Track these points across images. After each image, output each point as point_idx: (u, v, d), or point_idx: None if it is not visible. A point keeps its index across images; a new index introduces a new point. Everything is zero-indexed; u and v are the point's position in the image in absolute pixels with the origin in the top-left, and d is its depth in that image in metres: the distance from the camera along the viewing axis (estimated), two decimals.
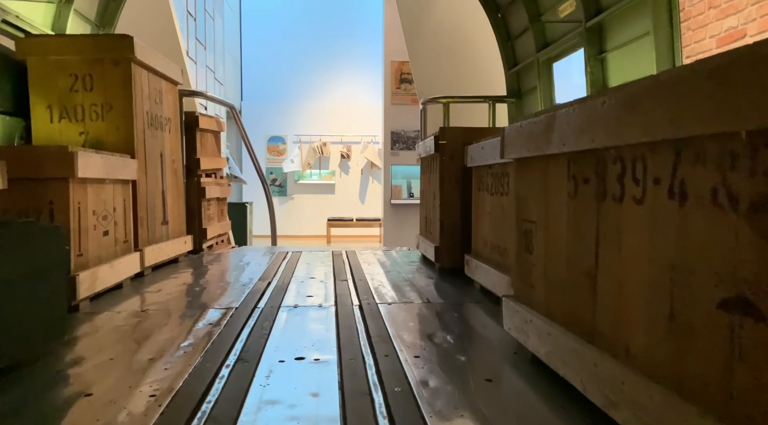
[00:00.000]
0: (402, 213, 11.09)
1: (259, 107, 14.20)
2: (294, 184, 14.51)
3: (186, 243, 3.86)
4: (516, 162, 1.72)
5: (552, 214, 1.48)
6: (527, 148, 1.59)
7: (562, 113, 1.36)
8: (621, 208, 1.14)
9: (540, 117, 1.50)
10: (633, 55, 2.84)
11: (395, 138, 11.33)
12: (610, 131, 1.13)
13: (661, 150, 0.99)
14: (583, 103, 1.26)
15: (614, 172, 1.17)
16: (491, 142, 2.47)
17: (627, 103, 1.06)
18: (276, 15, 13.94)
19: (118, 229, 2.75)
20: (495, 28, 4.49)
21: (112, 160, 2.61)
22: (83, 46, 3.03)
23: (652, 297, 1.02)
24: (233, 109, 4.80)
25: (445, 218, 3.31)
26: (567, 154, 1.37)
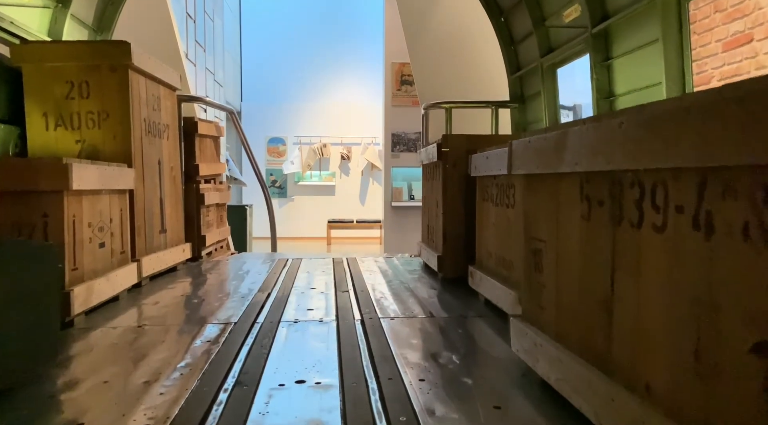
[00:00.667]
0: (403, 216, 11.04)
1: (259, 108, 14.15)
2: (294, 185, 14.47)
3: (184, 252, 3.81)
4: (524, 177, 1.66)
5: (563, 235, 1.42)
6: (536, 165, 1.53)
7: (575, 131, 1.30)
8: (639, 235, 1.08)
9: (550, 133, 1.44)
10: (640, 62, 2.78)
11: (396, 140, 11.28)
12: (628, 154, 1.07)
13: (685, 177, 0.94)
14: (598, 123, 1.20)
15: (632, 196, 1.11)
16: (496, 153, 2.41)
17: (647, 126, 1.01)
18: (276, 16, 13.89)
19: (114, 240, 2.70)
20: (498, 32, 4.44)
21: (108, 171, 2.56)
22: (79, 52, 2.97)
23: (675, 333, 0.97)
24: (233, 114, 4.74)
25: (448, 227, 3.26)
26: (580, 174, 1.31)
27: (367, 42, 13.63)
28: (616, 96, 3.04)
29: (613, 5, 2.98)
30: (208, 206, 4.43)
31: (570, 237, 1.38)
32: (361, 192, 14.73)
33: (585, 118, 1.33)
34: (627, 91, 2.92)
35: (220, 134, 4.85)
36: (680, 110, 0.91)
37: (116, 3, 3.99)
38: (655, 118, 0.98)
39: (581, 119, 1.35)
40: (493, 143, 3.34)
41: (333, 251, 12.66)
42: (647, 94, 2.71)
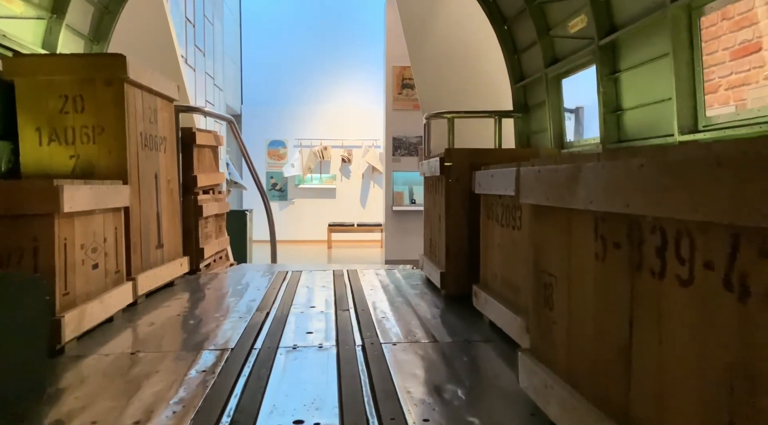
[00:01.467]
0: (403, 221, 10.97)
1: (259, 111, 14.10)
2: (294, 188, 14.41)
3: (182, 266, 3.73)
4: (533, 207, 1.59)
5: (576, 273, 1.35)
6: (546, 197, 1.45)
7: (590, 168, 1.22)
8: (661, 286, 1.01)
9: (561, 166, 1.37)
10: (649, 77, 2.70)
11: (397, 144, 11.22)
12: (649, 199, 0.99)
13: (715, 233, 0.86)
14: (615, 162, 1.13)
15: (652, 242, 1.03)
16: (502, 172, 2.34)
17: (671, 173, 0.93)
18: (276, 18, 13.83)
19: (108, 260, 2.62)
20: (501, 41, 4.36)
21: (102, 190, 2.49)
22: (74, 65, 2.90)
23: (703, 399, 0.89)
24: (232, 123, 4.67)
25: (451, 243, 3.18)
26: (594, 212, 1.24)
27: (367, 44, 13.57)
28: (623, 110, 2.97)
29: (621, 17, 2.91)
30: (207, 217, 4.36)
31: (583, 276, 1.31)
32: (362, 195, 14.67)
33: (599, 152, 1.26)
34: (635, 105, 2.85)
35: (218, 143, 4.78)
36: (710, 161, 0.84)
37: (113, 12, 3.92)
38: (681, 165, 0.91)
39: (595, 154, 1.28)
40: (497, 157, 3.27)
41: (334, 254, 12.60)
42: (657, 109, 2.64)
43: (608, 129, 3.03)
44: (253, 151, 14.54)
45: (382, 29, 10.80)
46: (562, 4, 3.44)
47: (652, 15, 2.52)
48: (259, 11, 13.70)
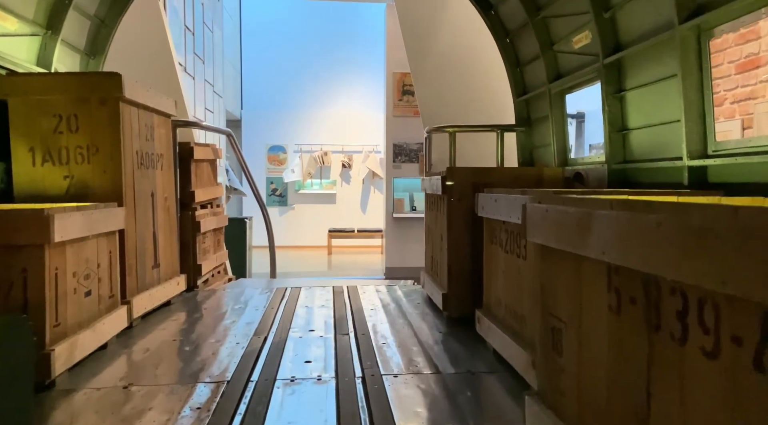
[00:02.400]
0: (404, 227, 10.90)
1: (259, 116, 14.06)
2: (295, 193, 14.36)
3: (179, 284, 3.67)
4: (540, 246, 1.52)
5: (587, 322, 1.28)
6: (555, 239, 1.39)
7: (603, 216, 1.16)
8: (683, 353, 0.94)
9: (571, 209, 1.30)
10: (657, 97, 2.64)
11: (397, 150, 11.16)
12: (669, 261, 0.93)
13: (743, 307, 0.80)
14: (630, 213, 1.06)
15: (673, 305, 0.97)
16: (506, 198, 2.28)
17: (693, 236, 0.87)
18: (276, 23, 13.79)
19: (102, 286, 2.56)
20: (503, 54, 4.30)
21: (95, 215, 2.42)
22: (68, 84, 2.84)
23: None
24: (231, 136, 4.61)
25: (453, 264, 3.12)
26: (608, 263, 1.17)
27: (368, 49, 13.53)
28: (629, 129, 2.90)
29: (627, 35, 2.84)
30: (205, 233, 4.30)
31: (595, 327, 1.24)
32: (362, 200, 14.62)
33: (613, 199, 1.19)
34: (642, 125, 2.78)
35: (217, 156, 4.72)
36: (737, 230, 0.77)
37: (109, 26, 3.86)
38: (704, 230, 0.84)
39: (609, 200, 1.21)
40: (499, 177, 3.21)
41: (334, 261, 12.53)
42: (664, 131, 2.57)
43: (613, 148, 2.96)
44: (253, 156, 14.56)
45: (382, 34, 10.75)
46: (566, 20, 3.38)
47: (660, 35, 2.46)
48: (259, 16, 13.68)
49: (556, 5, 3.43)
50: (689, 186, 2.33)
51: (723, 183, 2.21)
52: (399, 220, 10.80)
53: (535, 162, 4.24)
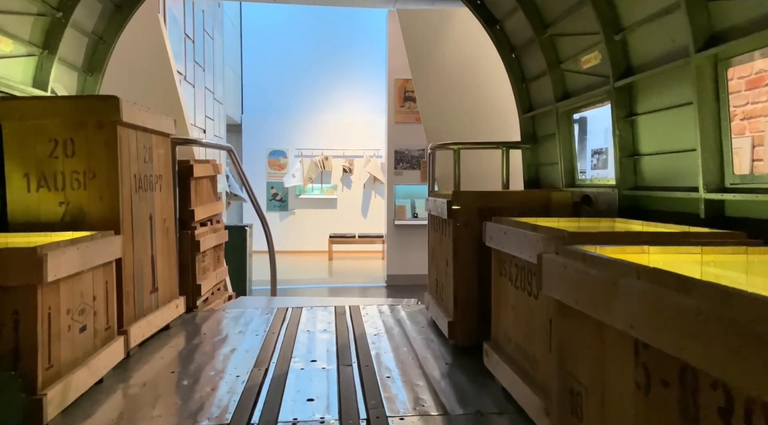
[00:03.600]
0: (406, 235, 10.83)
1: (259, 121, 13.99)
2: (295, 198, 14.30)
3: (178, 307, 3.59)
4: (559, 303, 1.44)
5: (611, 394, 1.20)
6: (575, 300, 1.31)
7: (629, 286, 1.08)
8: None
9: (593, 271, 1.22)
10: (670, 123, 2.56)
11: (399, 157, 11.10)
12: (711, 355, 0.85)
13: None
14: (662, 289, 0.98)
15: (714, 400, 0.89)
16: (516, 233, 2.20)
17: (742, 335, 0.79)
18: (277, 28, 13.73)
19: (98, 319, 2.48)
20: (509, 69, 4.22)
21: (91, 248, 2.34)
22: (64, 108, 2.76)
23: None
24: (231, 151, 4.54)
25: (459, 291, 3.04)
26: (636, 338, 1.09)
27: (369, 53, 13.47)
28: (641, 155, 2.82)
29: (638, 58, 2.76)
30: (204, 251, 4.22)
31: (620, 401, 1.16)
32: (363, 205, 14.56)
33: (640, 266, 1.11)
34: (655, 151, 2.70)
35: (217, 172, 4.64)
36: None
37: (108, 42, 3.78)
38: (752, 324, 0.76)
39: (635, 265, 1.13)
40: (506, 201, 3.13)
41: (335, 267, 12.47)
42: (679, 159, 2.49)
43: (624, 173, 2.88)
44: (253, 160, 14.49)
45: (383, 39, 10.68)
46: (575, 39, 3.30)
47: (674, 62, 2.38)
48: (260, 20, 13.61)
49: (564, 24, 3.35)
50: (706, 219, 2.24)
51: (742, 218, 2.13)
52: (400, 227, 10.72)
53: (541, 180, 4.16)
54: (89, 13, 3.50)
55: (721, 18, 2.16)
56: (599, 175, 10.64)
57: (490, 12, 4.16)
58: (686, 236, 1.78)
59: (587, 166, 10.48)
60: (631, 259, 1.47)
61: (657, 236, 1.73)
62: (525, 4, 3.58)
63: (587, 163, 10.46)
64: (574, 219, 2.66)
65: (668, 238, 1.61)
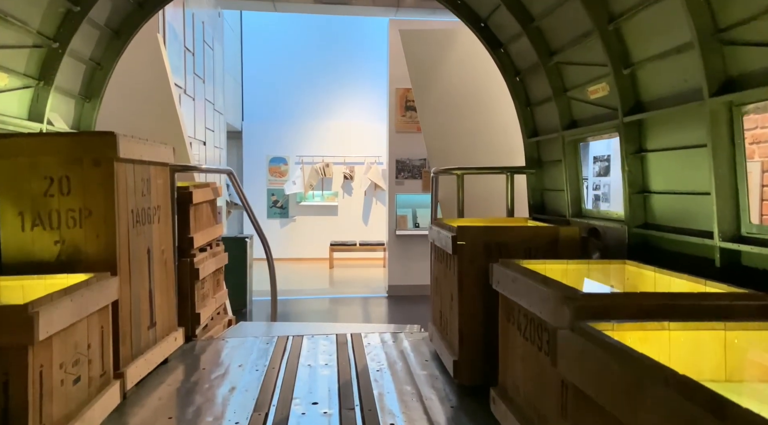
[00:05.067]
0: (407, 245, 10.77)
1: (260, 127, 13.95)
2: (296, 205, 14.24)
3: (177, 340, 3.52)
4: (576, 386, 1.37)
5: None
6: (594, 390, 1.23)
7: (658, 394, 1.00)
8: None
9: (615, 365, 1.15)
10: (683, 163, 2.48)
11: (400, 166, 11.04)
12: None
13: None
14: (695, 409, 0.91)
15: None
16: (525, 282, 2.12)
17: None
18: (277, 34, 13.67)
19: (93, 367, 2.41)
20: (513, 92, 4.15)
21: (86, 295, 2.27)
22: (60, 146, 2.69)
23: None
24: (231, 174, 4.48)
25: (464, 328, 2.96)
26: None
27: (369, 61, 13.43)
28: (651, 192, 2.75)
29: (649, 94, 2.69)
30: (204, 278, 4.15)
31: None
32: (364, 212, 14.51)
33: (668, 370, 1.04)
34: (666, 190, 2.62)
35: (216, 195, 4.57)
36: None
37: (106, 68, 3.71)
38: None
39: (662, 368, 1.06)
40: (513, 236, 3.05)
41: (336, 275, 12.41)
42: (692, 201, 2.41)
43: (634, 210, 2.81)
44: (254, 167, 14.40)
45: (384, 46, 10.62)
46: (582, 68, 3.23)
47: (688, 104, 2.31)
48: (260, 27, 13.55)
49: (570, 52, 3.28)
50: (721, 269, 2.17)
51: (760, 270, 2.05)
52: (402, 237, 10.66)
53: (547, 206, 4.09)
54: (87, 40, 3.43)
55: (737, 63, 2.09)
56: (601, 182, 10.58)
57: (494, 35, 4.09)
58: (705, 298, 1.71)
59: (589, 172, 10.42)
60: (652, 338, 1.40)
61: (675, 303, 1.65)
62: (530, 31, 3.51)
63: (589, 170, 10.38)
64: (584, 262, 2.59)
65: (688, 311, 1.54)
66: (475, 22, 4.09)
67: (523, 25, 3.51)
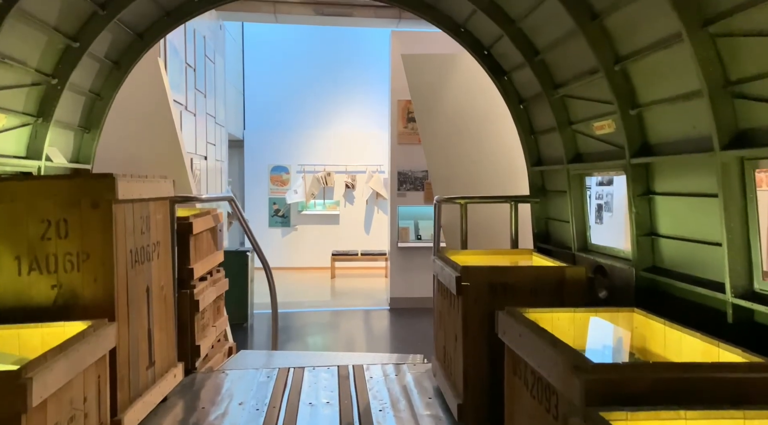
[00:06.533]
0: (409, 257, 10.72)
1: (261, 136, 13.94)
2: (297, 214, 14.21)
3: (176, 376, 3.47)
4: None
5: None
6: None
7: None
8: None
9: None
10: (692, 210, 2.42)
11: (402, 178, 11.01)
12: None
13: None
14: None
15: None
16: (533, 340, 2.07)
17: None
18: (279, 43, 13.66)
19: (89, 419, 2.35)
20: (516, 120, 4.09)
21: (83, 350, 2.21)
22: (58, 189, 2.64)
23: None
24: (232, 200, 4.43)
25: (469, 371, 2.91)
26: None
27: (371, 70, 13.41)
28: (660, 236, 2.70)
29: (656, 137, 2.63)
30: (204, 309, 4.10)
31: None
32: (366, 221, 14.48)
33: None
34: (675, 235, 2.57)
35: (217, 222, 4.53)
36: None
37: (106, 99, 3.68)
38: None
39: None
40: (519, 278, 2.99)
41: (337, 286, 12.37)
42: (703, 251, 2.36)
43: (642, 252, 2.75)
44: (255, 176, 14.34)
45: (386, 56, 10.60)
46: (587, 103, 3.18)
47: (697, 154, 2.26)
48: (262, 36, 13.55)
49: (575, 87, 3.23)
50: (734, 325, 2.11)
51: None
52: (404, 250, 10.61)
53: (551, 236, 4.03)
54: (86, 73, 3.40)
55: (749, 116, 2.04)
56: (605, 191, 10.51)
57: (497, 63, 4.05)
58: (719, 369, 1.65)
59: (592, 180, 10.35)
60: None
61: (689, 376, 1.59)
62: (534, 64, 3.47)
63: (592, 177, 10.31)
64: (591, 310, 2.53)
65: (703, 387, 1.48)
66: (479, 50, 4.05)
67: (527, 57, 3.46)
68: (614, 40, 2.67)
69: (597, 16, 2.65)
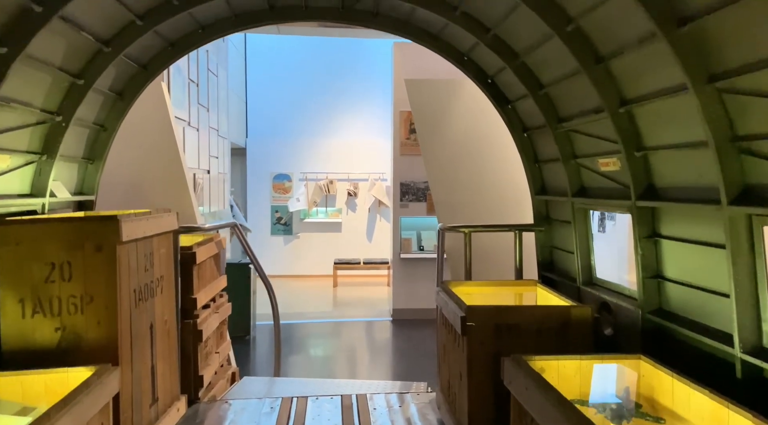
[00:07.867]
0: (411, 268, 10.70)
1: (264, 144, 13.96)
2: (300, 222, 14.22)
3: (179, 410, 3.46)
4: None
5: None
6: None
7: None
8: None
9: None
10: (699, 257, 2.40)
11: (404, 189, 11.00)
12: None
13: None
14: None
15: None
16: (540, 397, 2.05)
17: None
18: (281, 52, 13.68)
19: None
20: (520, 148, 4.08)
21: (86, 402, 2.20)
22: (62, 232, 2.64)
23: None
24: (236, 226, 4.43)
25: (474, 412, 2.90)
26: None
27: (373, 79, 13.42)
28: (666, 279, 2.68)
29: (662, 180, 2.61)
30: (207, 337, 4.09)
31: None
32: (368, 229, 14.48)
33: None
34: (682, 280, 2.55)
35: (220, 248, 4.52)
36: None
37: (110, 130, 3.67)
38: None
39: None
40: (524, 317, 2.98)
41: (339, 295, 12.36)
42: (711, 300, 2.34)
43: (648, 295, 2.73)
44: (257, 184, 14.34)
45: (388, 65, 10.60)
46: (592, 139, 3.17)
47: (705, 206, 2.24)
48: (265, 44, 13.57)
49: (580, 123, 3.21)
50: (743, 381, 2.10)
51: None
52: (406, 261, 10.59)
53: (556, 266, 4.01)
54: (90, 106, 3.39)
55: (756, 172, 2.02)
56: None
57: (502, 92, 4.03)
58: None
59: None
60: None
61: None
62: (538, 97, 3.45)
63: None
64: (597, 358, 2.51)
65: None
66: (483, 79, 4.04)
67: (531, 90, 3.45)
68: (619, 82, 2.65)
69: (602, 59, 2.64)
